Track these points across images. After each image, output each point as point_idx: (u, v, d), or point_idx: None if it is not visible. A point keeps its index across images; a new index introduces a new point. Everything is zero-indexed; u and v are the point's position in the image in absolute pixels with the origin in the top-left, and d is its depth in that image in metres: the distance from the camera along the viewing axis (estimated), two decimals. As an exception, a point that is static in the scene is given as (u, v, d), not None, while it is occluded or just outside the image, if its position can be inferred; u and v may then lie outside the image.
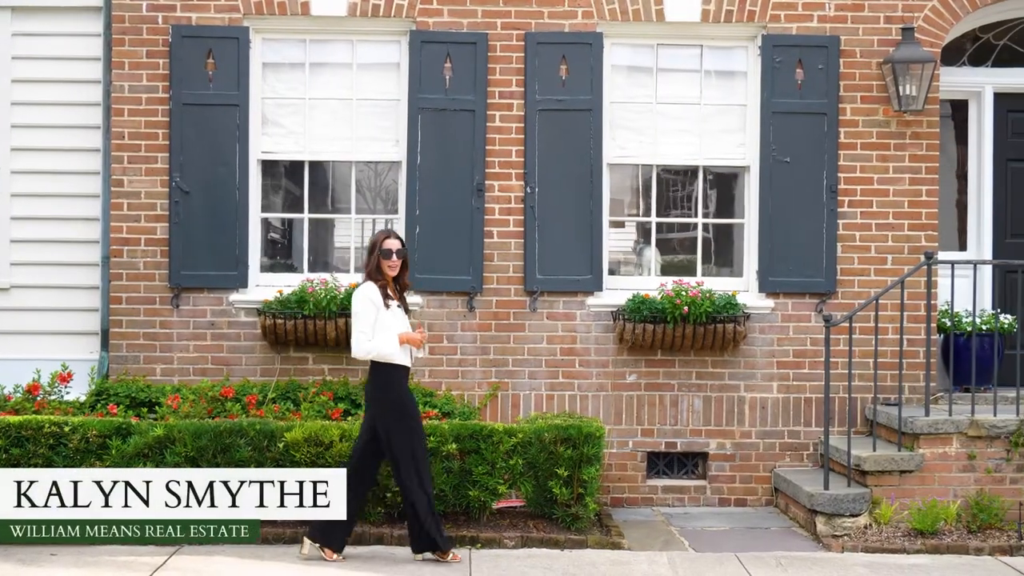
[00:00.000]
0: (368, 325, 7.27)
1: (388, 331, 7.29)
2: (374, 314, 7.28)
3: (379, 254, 7.35)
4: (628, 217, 9.84)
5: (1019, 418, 8.46)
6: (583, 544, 7.98)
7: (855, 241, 9.47)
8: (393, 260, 7.38)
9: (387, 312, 7.31)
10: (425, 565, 7.50)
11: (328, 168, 9.74)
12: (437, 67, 9.35)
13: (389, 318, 7.32)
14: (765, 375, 9.44)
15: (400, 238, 7.50)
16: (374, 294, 7.30)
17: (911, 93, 9.21)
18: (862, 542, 8.09)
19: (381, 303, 7.30)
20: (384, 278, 7.39)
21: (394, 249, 7.38)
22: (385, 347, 7.29)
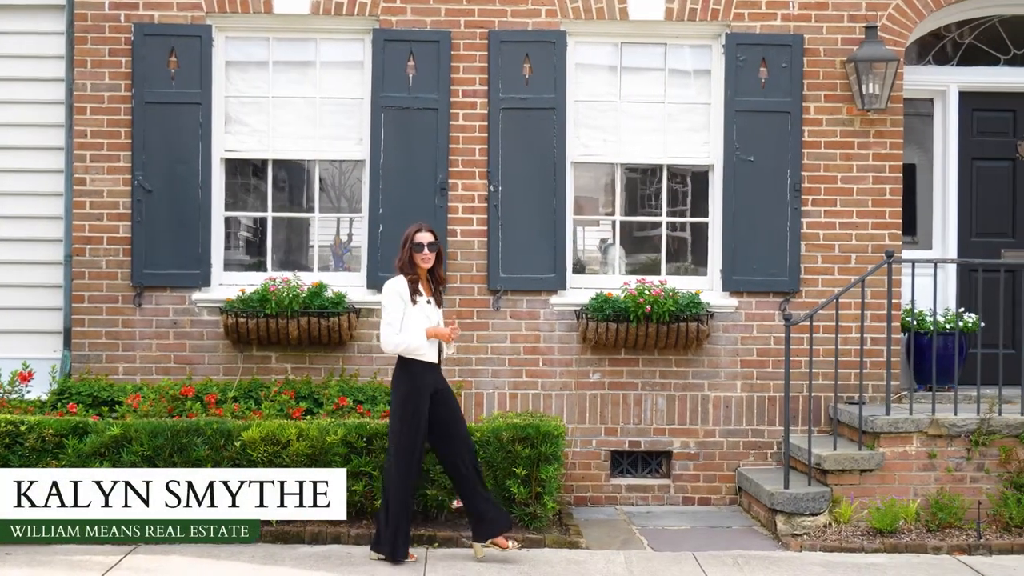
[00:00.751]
0: (396, 319, 7.22)
1: (415, 326, 7.23)
2: (402, 308, 7.24)
3: (411, 247, 7.28)
4: (593, 216, 9.83)
5: (979, 417, 8.45)
6: (541, 543, 7.96)
7: (819, 240, 9.46)
8: (426, 253, 7.30)
9: (414, 307, 7.26)
10: (380, 564, 7.48)
11: (292, 167, 9.71)
12: (400, 65, 9.33)
13: (417, 313, 7.27)
14: (729, 374, 9.44)
15: (433, 231, 7.41)
16: (402, 288, 7.25)
17: (874, 92, 9.20)
18: (821, 541, 8.08)
19: (408, 297, 7.24)
20: (416, 272, 7.31)
21: (426, 242, 7.30)
22: (412, 341, 7.25)
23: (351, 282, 9.47)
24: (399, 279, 7.31)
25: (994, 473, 8.47)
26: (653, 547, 8.12)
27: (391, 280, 7.38)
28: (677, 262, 9.79)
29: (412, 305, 7.25)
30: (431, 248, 7.32)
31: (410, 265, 7.28)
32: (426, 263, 7.32)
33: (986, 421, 8.45)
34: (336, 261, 9.76)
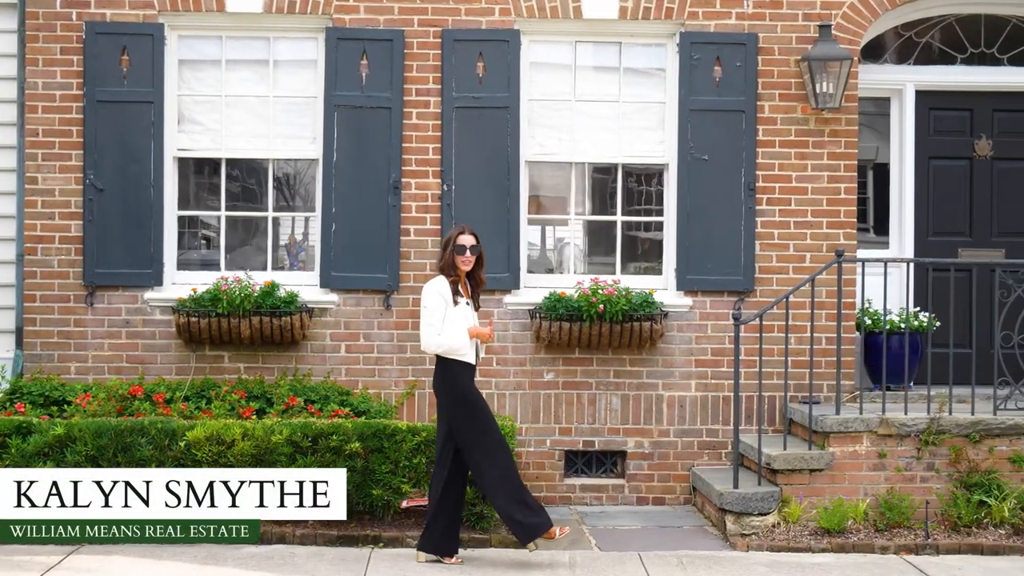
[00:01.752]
0: (438, 319, 7.22)
1: (456, 326, 7.23)
2: (443, 309, 7.24)
3: (453, 250, 7.29)
4: (547, 215, 9.80)
5: (929, 416, 8.44)
6: (487, 543, 7.94)
7: (773, 239, 9.45)
8: (467, 256, 7.32)
9: (455, 308, 7.26)
10: (321, 563, 7.45)
11: (246, 166, 9.68)
12: (353, 64, 9.31)
13: (456, 314, 7.26)
14: (683, 373, 9.42)
15: (475, 233, 7.42)
16: (444, 289, 7.26)
17: (828, 91, 9.19)
18: (769, 541, 8.06)
19: (450, 298, 7.25)
20: (457, 274, 7.32)
21: (468, 245, 7.31)
22: (455, 341, 7.24)
23: (305, 281, 9.44)
24: (441, 280, 7.31)
25: (944, 473, 8.45)
26: (600, 547, 8.10)
27: (433, 280, 7.38)
28: (634, 261, 9.77)
29: (453, 306, 7.25)
30: (472, 251, 7.34)
31: (451, 267, 7.29)
32: (467, 265, 7.34)
33: (936, 421, 8.42)
34: (291, 260, 9.74)
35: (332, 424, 8.01)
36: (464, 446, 7.39)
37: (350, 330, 9.34)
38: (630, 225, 9.75)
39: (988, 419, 8.45)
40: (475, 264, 7.37)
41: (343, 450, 7.94)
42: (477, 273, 7.45)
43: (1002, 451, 8.46)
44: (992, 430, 8.44)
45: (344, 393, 9.12)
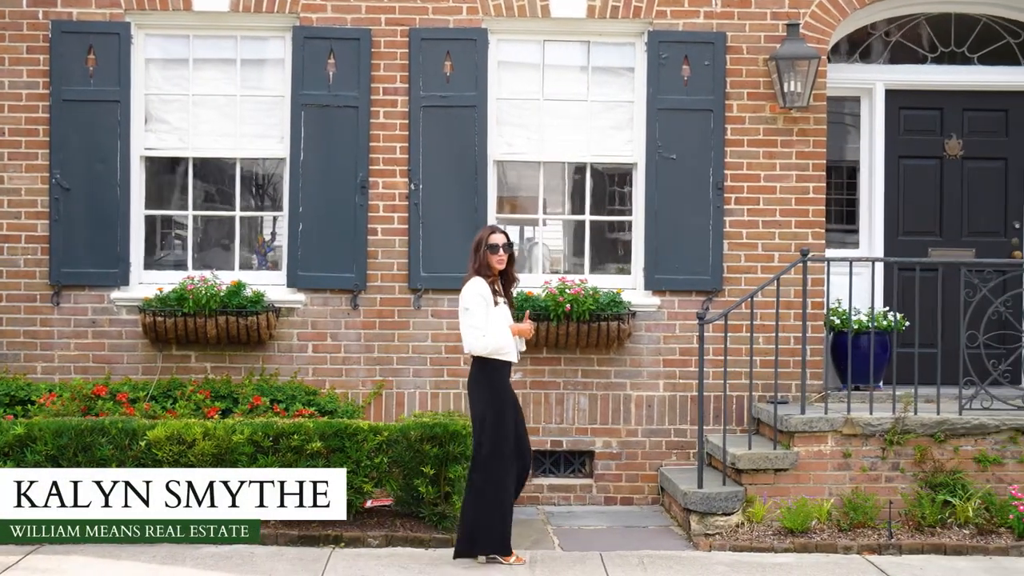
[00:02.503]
0: (481, 320, 7.19)
1: (500, 326, 7.22)
2: (485, 310, 7.21)
3: (486, 249, 7.27)
4: (516, 214, 9.77)
5: (894, 416, 8.41)
6: (448, 543, 7.91)
7: (742, 238, 9.43)
8: (501, 254, 7.29)
9: (496, 308, 7.25)
10: (279, 563, 7.42)
11: (214, 165, 9.65)
12: (320, 63, 9.29)
13: (498, 315, 7.26)
14: (651, 373, 9.40)
15: (505, 232, 7.44)
16: (484, 290, 7.22)
17: (796, 90, 9.17)
18: (732, 541, 8.04)
19: (491, 299, 7.23)
20: (492, 273, 7.30)
21: (501, 244, 7.29)
22: (500, 340, 7.22)
23: (272, 281, 9.42)
24: (479, 281, 7.26)
25: (909, 473, 8.42)
26: (563, 547, 8.08)
27: (471, 282, 7.29)
28: (603, 261, 9.76)
29: (494, 306, 7.24)
30: (505, 249, 7.32)
31: (486, 267, 7.27)
32: (501, 264, 7.32)
33: (900, 420, 8.40)
34: (259, 260, 9.72)
35: (293, 424, 7.99)
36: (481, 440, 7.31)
37: (317, 330, 9.32)
38: (599, 224, 9.73)
39: (953, 419, 8.42)
40: (508, 262, 7.36)
41: (304, 449, 7.92)
42: (509, 270, 7.43)
43: (967, 451, 8.44)
44: (957, 430, 8.42)
45: (311, 393, 9.10)
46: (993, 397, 8.51)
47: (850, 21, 9.63)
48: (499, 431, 7.37)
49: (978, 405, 8.54)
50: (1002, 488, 8.33)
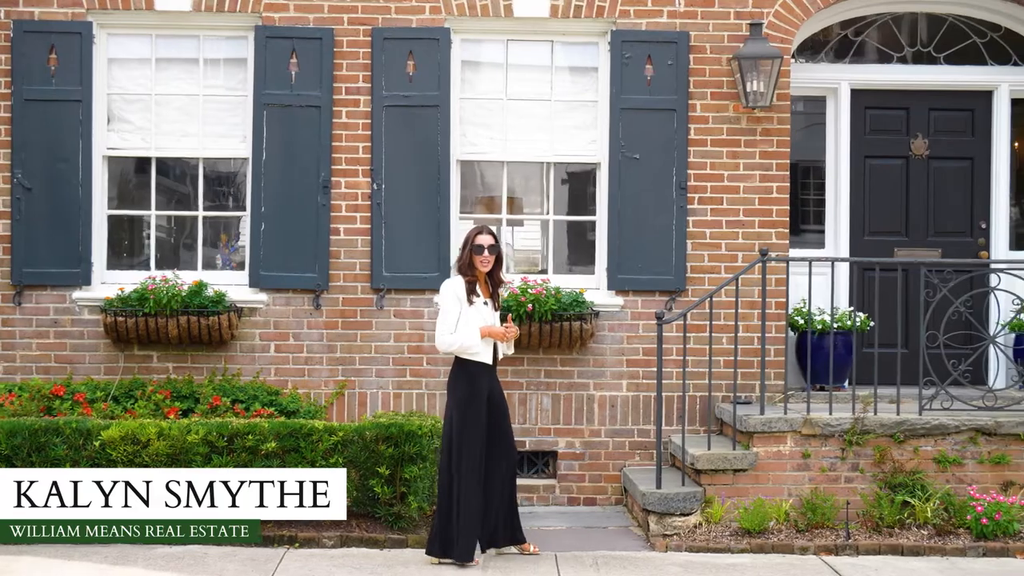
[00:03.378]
0: (452, 319, 7.26)
1: (470, 326, 7.25)
2: (458, 309, 7.27)
3: (471, 250, 7.31)
4: (479, 214, 9.74)
5: (853, 416, 8.38)
6: (404, 543, 7.90)
7: (705, 238, 9.40)
8: (485, 256, 7.33)
9: (471, 308, 7.28)
10: (231, 563, 7.40)
11: (178, 164, 9.63)
12: (283, 63, 9.28)
13: (473, 314, 7.29)
14: (615, 373, 9.37)
15: (493, 233, 7.44)
16: (459, 289, 7.29)
17: (759, 89, 9.14)
18: (689, 541, 8.01)
19: (465, 298, 7.27)
20: (474, 274, 7.34)
21: (486, 245, 7.32)
22: (466, 340, 7.25)
23: (235, 281, 9.41)
24: (457, 279, 7.35)
25: (869, 473, 8.40)
26: (519, 547, 8.03)
27: (448, 281, 7.44)
28: (571, 260, 9.74)
29: (469, 306, 7.27)
30: (491, 251, 7.34)
31: (469, 267, 7.31)
32: (485, 266, 7.35)
33: (860, 421, 8.38)
34: (224, 260, 9.69)
35: (248, 424, 7.97)
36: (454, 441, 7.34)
37: (279, 330, 9.31)
38: (566, 224, 9.69)
39: (913, 419, 8.39)
40: (494, 264, 7.38)
41: (259, 450, 7.90)
42: (496, 273, 7.46)
43: (927, 451, 8.41)
44: (917, 430, 8.39)
45: (273, 393, 9.08)
46: (953, 398, 8.47)
47: (814, 21, 9.61)
48: (462, 434, 7.38)
49: (938, 406, 8.51)
50: (962, 489, 8.30)
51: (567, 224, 9.77)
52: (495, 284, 7.51)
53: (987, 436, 8.41)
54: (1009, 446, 8.41)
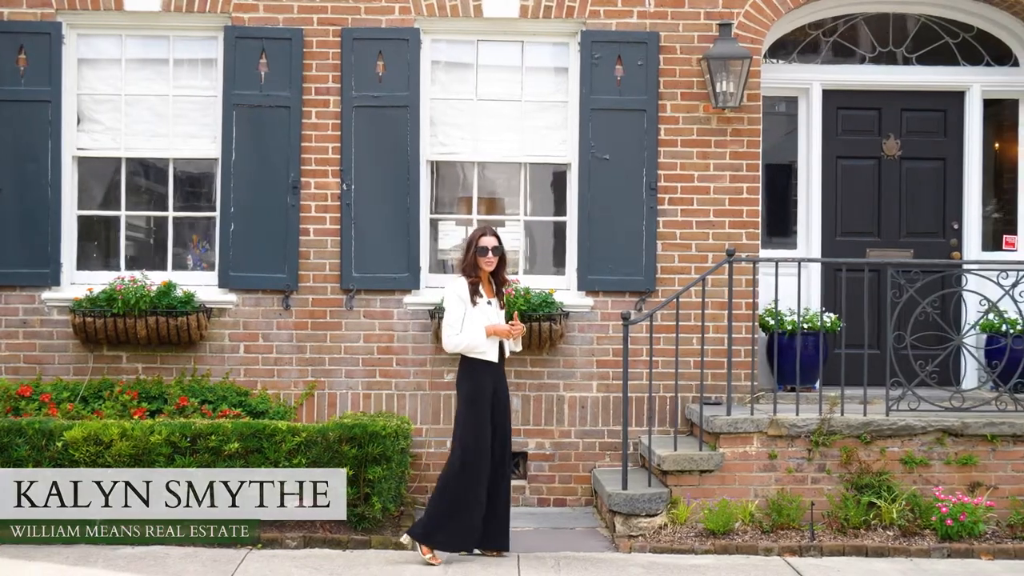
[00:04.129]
0: (456, 320, 7.40)
1: (475, 325, 7.37)
2: (462, 310, 7.40)
3: (475, 251, 7.45)
4: (449, 215, 9.74)
5: (820, 417, 8.37)
6: (367, 544, 7.89)
7: (675, 239, 9.39)
8: (489, 257, 7.48)
9: (474, 309, 7.41)
10: (192, 564, 7.39)
11: (148, 165, 9.62)
12: (252, 63, 9.27)
13: (477, 314, 7.42)
14: (585, 374, 9.36)
15: (497, 234, 7.57)
16: (462, 290, 7.41)
17: (729, 90, 9.13)
18: (654, 542, 8.00)
19: (468, 299, 7.40)
20: (478, 275, 7.47)
21: (490, 247, 7.47)
22: (472, 340, 7.39)
23: (204, 281, 9.40)
24: (460, 281, 7.49)
25: (835, 474, 8.38)
26: (484, 548, 8.01)
27: (452, 282, 7.58)
28: (544, 261, 9.73)
29: (472, 306, 7.40)
30: (495, 252, 7.50)
31: (473, 268, 7.45)
32: (489, 266, 7.50)
33: (826, 421, 8.36)
34: (195, 260, 9.68)
35: (211, 424, 7.96)
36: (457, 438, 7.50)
37: (249, 330, 9.30)
38: (535, 224, 9.68)
39: (879, 420, 8.38)
40: (497, 264, 7.53)
41: (222, 451, 7.90)
42: (500, 272, 7.61)
43: (893, 452, 8.40)
44: (883, 431, 8.37)
45: (243, 394, 9.08)
46: (920, 399, 8.46)
47: (785, 21, 9.60)
48: (468, 430, 7.49)
49: (905, 407, 8.49)
50: (928, 490, 8.29)
51: (541, 225, 9.75)
52: (499, 284, 7.66)
53: (954, 437, 8.38)
54: (976, 447, 8.38)
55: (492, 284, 7.61)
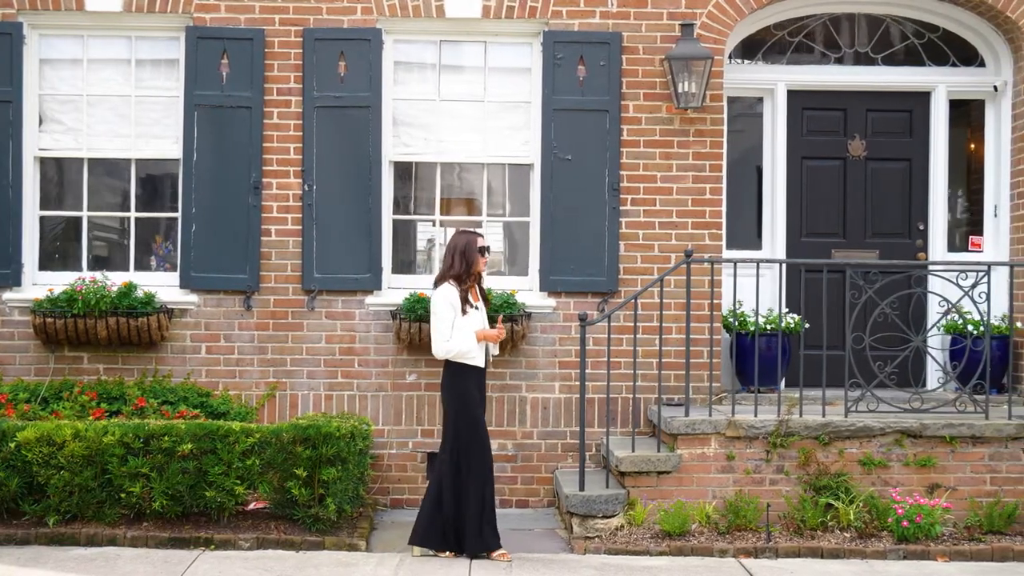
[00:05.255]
0: (447, 327, 7.45)
1: (465, 331, 7.46)
2: (452, 316, 7.46)
3: (476, 253, 7.55)
4: (410, 215, 9.71)
5: (778, 418, 8.33)
6: (320, 546, 7.86)
7: (638, 240, 9.36)
8: (487, 257, 7.68)
9: (464, 316, 7.51)
10: (142, 565, 7.37)
11: (111, 165, 9.59)
12: (214, 63, 9.25)
13: (466, 322, 7.51)
14: (547, 375, 9.34)
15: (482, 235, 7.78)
16: (452, 297, 7.46)
17: (691, 90, 9.11)
18: (609, 544, 7.98)
19: (460, 307, 7.48)
20: (470, 281, 7.57)
21: (488, 247, 7.70)
22: (462, 345, 7.45)
23: (166, 282, 9.38)
24: (450, 288, 7.52)
25: (794, 475, 8.35)
26: (439, 550, 7.98)
27: (441, 288, 7.55)
28: (508, 262, 9.71)
29: (463, 314, 7.48)
30: (489, 252, 7.78)
31: (467, 274, 7.52)
32: (485, 267, 7.71)
33: (784, 423, 8.33)
34: (158, 261, 9.66)
35: (165, 425, 7.94)
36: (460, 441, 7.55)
37: (210, 331, 9.28)
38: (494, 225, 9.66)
39: (838, 421, 8.35)
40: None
41: (175, 451, 7.87)
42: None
43: (852, 453, 8.36)
44: (842, 432, 8.34)
45: (204, 395, 9.06)
46: (879, 400, 8.42)
47: (749, 22, 9.58)
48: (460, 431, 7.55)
49: (864, 408, 8.45)
50: (887, 491, 8.27)
51: (504, 226, 9.72)
52: (480, 286, 7.73)
53: (913, 438, 8.35)
54: (935, 448, 8.35)
55: (478, 288, 7.69)
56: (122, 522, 8.01)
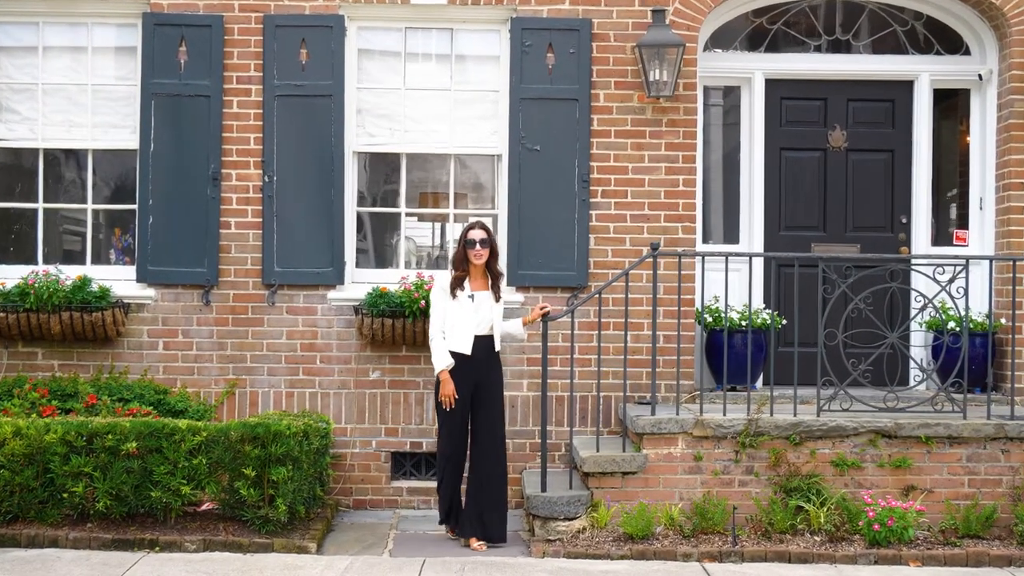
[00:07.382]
0: (438, 314, 7.71)
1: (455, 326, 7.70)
2: (443, 301, 7.63)
3: (464, 244, 7.68)
4: (375, 207, 9.44)
5: (747, 418, 8.03)
6: (269, 548, 7.60)
7: (609, 233, 9.07)
8: (478, 250, 7.69)
9: (454, 301, 7.66)
10: (81, 567, 7.12)
11: (67, 156, 9.35)
12: (171, 51, 9.00)
13: (456, 307, 7.68)
14: (515, 372, 9.06)
15: (486, 227, 7.78)
16: (445, 282, 7.73)
17: (662, 79, 8.81)
18: (570, 547, 7.69)
19: (449, 291, 7.68)
20: (466, 268, 7.67)
21: (478, 239, 7.68)
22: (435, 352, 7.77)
23: (123, 276, 9.14)
24: (443, 274, 7.89)
25: (764, 477, 8.04)
26: (392, 553, 7.75)
27: (438, 276, 7.93)
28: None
29: (452, 299, 7.62)
30: (483, 244, 7.71)
31: (463, 261, 7.65)
32: (479, 259, 7.71)
33: (754, 422, 8.02)
34: (117, 254, 9.42)
35: (108, 423, 7.68)
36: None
37: (168, 326, 9.03)
38: (461, 218, 9.37)
39: (809, 421, 8.03)
40: (488, 256, 7.70)
41: (119, 450, 7.62)
42: (493, 266, 7.77)
43: (824, 454, 8.05)
44: (814, 432, 8.03)
45: (162, 392, 8.81)
46: (853, 398, 8.11)
47: (724, 9, 9.28)
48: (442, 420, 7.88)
49: (838, 406, 8.14)
50: (860, 493, 7.96)
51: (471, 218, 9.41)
52: (494, 276, 7.74)
53: (887, 439, 8.04)
54: (910, 449, 8.04)
55: (488, 278, 7.68)
56: (65, 523, 7.76)
